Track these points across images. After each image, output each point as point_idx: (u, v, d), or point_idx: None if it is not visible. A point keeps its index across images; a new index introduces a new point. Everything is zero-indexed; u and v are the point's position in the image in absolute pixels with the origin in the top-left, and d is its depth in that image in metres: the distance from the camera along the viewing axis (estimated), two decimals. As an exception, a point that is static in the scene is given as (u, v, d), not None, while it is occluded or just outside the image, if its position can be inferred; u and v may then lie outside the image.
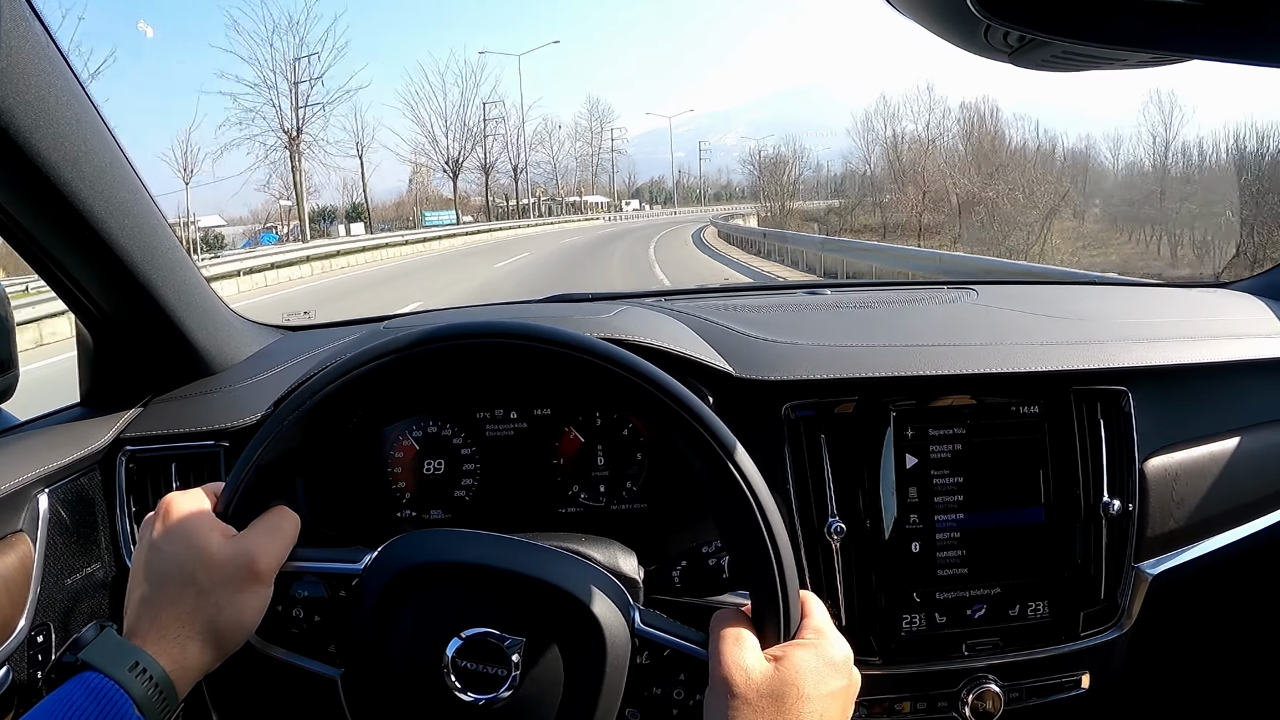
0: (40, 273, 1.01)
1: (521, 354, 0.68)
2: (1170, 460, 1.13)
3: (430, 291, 14.04)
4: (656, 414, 0.66)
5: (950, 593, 1.06)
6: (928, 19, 0.70)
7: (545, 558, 0.71)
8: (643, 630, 0.68)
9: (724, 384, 1.05)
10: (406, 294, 13.20)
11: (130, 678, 0.59)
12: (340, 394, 0.69)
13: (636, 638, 0.68)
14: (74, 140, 0.90)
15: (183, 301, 1.10)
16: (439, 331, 0.68)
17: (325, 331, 1.39)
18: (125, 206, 0.98)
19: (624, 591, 0.71)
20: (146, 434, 1.08)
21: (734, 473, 0.64)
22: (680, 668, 0.67)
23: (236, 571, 0.66)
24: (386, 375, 0.69)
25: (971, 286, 1.49)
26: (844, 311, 1.35)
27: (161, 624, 0.63)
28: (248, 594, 0.66)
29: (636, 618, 0.69)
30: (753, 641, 0.64)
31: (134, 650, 0.61)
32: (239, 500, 0.68)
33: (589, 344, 0.67)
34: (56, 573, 0.99)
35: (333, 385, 0.68)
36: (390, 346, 0.68)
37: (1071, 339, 1.15)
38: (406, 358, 0.68)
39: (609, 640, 0.67)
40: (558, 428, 1.09)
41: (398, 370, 0.68)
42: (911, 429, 1.05)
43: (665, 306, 1.31)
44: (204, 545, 0.65)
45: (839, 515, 1.03)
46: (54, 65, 0.86)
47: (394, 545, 0.72)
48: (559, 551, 0.72)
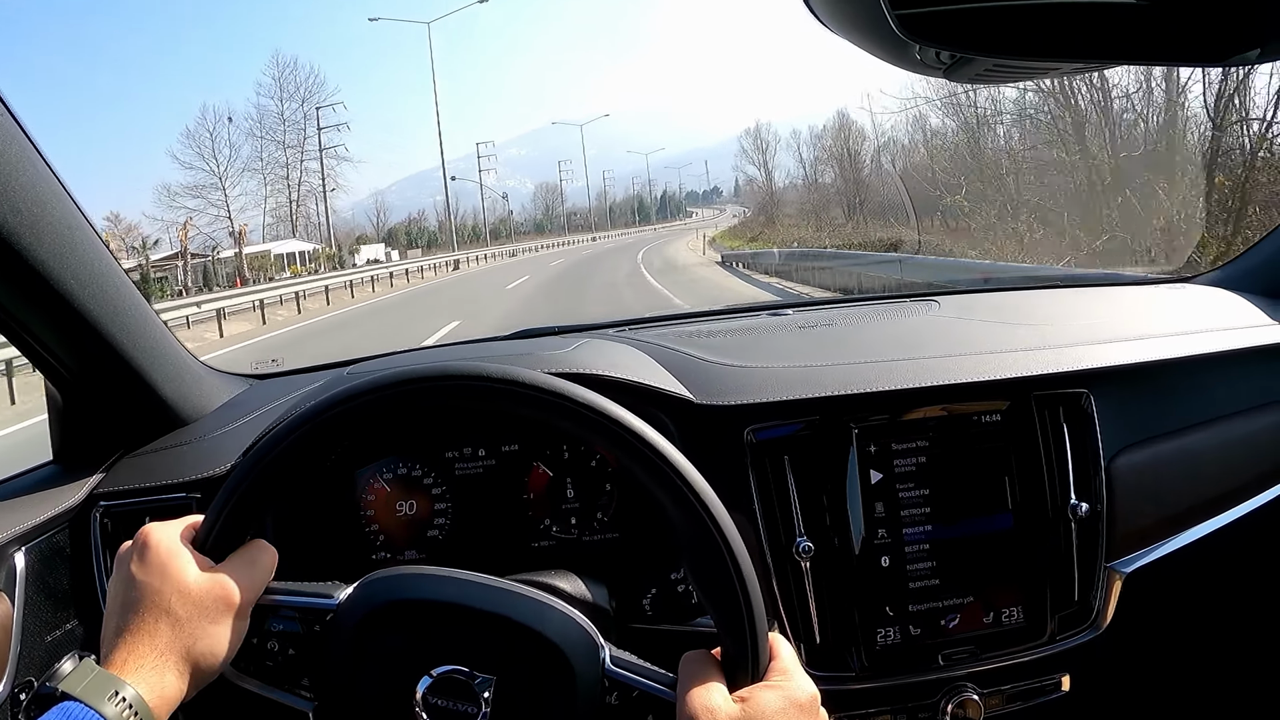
0: (5, 333, 1.02)
1: (478, 396, 0.69)
2: (1137, 458, 1.14)
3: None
4: (624, 456, 0.68)
5: (923, 604, 1.06)
6: (864, 41, 0.72)
7: (516, 597, 0.71)
8: (612, 671, 0.69)
9: (685, 411, 1.06)
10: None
11: (109, 707, 0.60)
12: (318, 431, 0.70)
13: (606, 678, 0.69)
14: (31, 203, 0.90)
15: (148, 356, 1.11)
16: (404, 375, 0.70)
17: (291, 379, 1.40)
18: (86, 266, 0.99)
19: (594, 630, 0.71)
20: (119, 489, 1.09)
21: (704, 516, 0.66)
22: (649, 708, 0.68)
23: (213, 603, 0.66)
24: (352, 419, 0.70)
25: (934, 298, 1.50)
26: (806, 331, 1.36)
27: (139, 654, 0.63)
28: (223, 625, 0.67)
29: (606, 657, 0.70)
30: (720, 683, 0.65)
31: (112, 679, 0.62)
32: (218, 533, 0.69)
33: (554, 388, 0.68)
34: (36, 630, 0.99)
35: (304, 428, 0.70)
36: (352, 391, 0.70)
37: (1030, 345, 1.16)
38: (375, 400, 0.70)
39: (579, 680, 0.68)
40: (526, 463, 1.10)
41: (366, 414, 0.70)
42: (874, 444, 1.06)
43: (628, 336, 1.32)
44: (181, 576, 0.66)
45: (806, 534, 1.04)
46: (7, 130, 0.87)
47: (369, 582, 0.73)
48: (530, 590, 0.73)
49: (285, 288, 20.72)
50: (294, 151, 48.72)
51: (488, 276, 25.52)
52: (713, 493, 0.67)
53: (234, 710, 0.76)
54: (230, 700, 0.72)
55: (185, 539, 0.69)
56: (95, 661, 0.64)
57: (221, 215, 43.47)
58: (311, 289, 21.37)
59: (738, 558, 0.65)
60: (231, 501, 0.69)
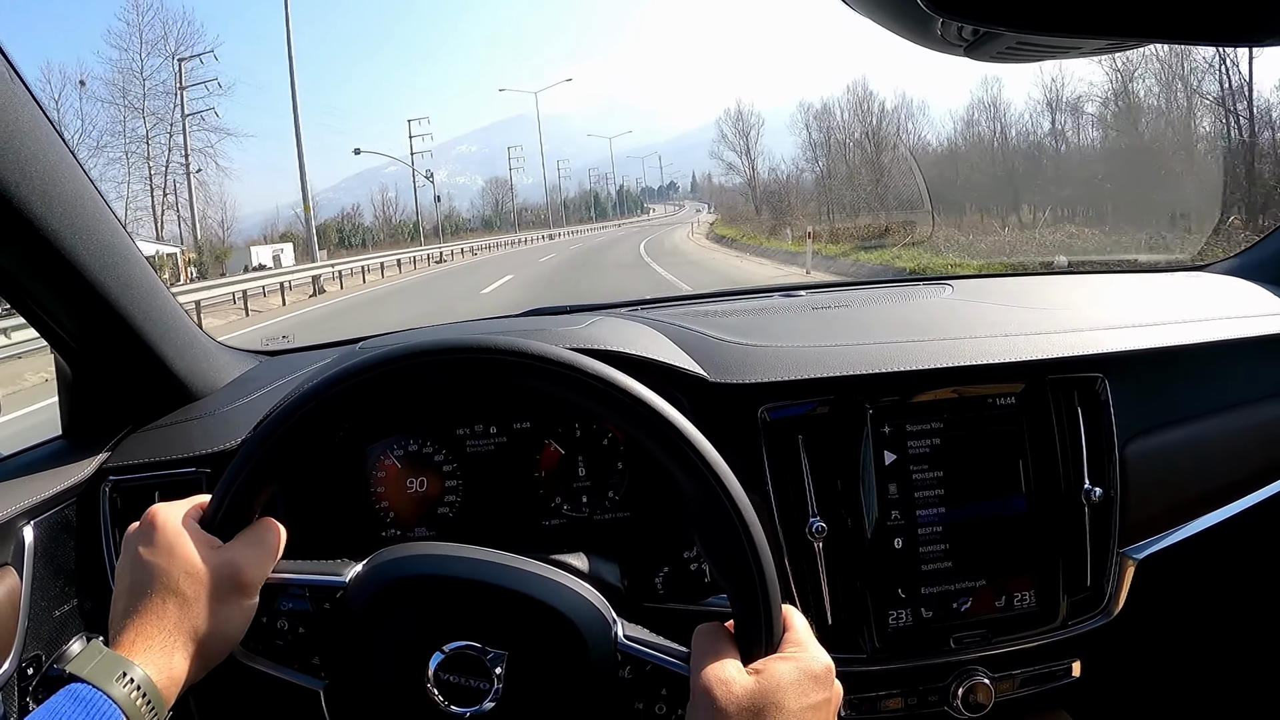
0: (16, 307, 1.01)
1: (494, 370, 0.68)
2: (1151, 444, 1.14)
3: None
4: (638, 430, 0.67)
5: (935, 587, 1.06)
6: (883, 17, 0.71)
7: (528, 572, 0.71)
8: (625, 645, 0.69)
9: (699, 389, 1.06)
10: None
11: (118, 688, 0.60)
12: (325, 408, 0.69)
13: (619, 652, 0.69)
14: (42, 172, 0.90)
15: (159, 330, 1.11)
16: (411, 349, 0.69)
17: (303, 355, 1.39)
18: (97, 238, 0.99)
19: (606, 606, 0.71)
20: (129, 463, 1.08)
21: (717, 489, 0.65)
22: (663, 682, 0.68)
23: (221, 582, 0.66)
24: (358, 395, 0.69)
25: (947, 282, 1.50)
26: (819, 312, 1.35)
27: (147, 635, 0.63)
28: (233, 605, 0.67)
29: (619, 632, 0.70)
30: (734, 656, 0.64)
31: (121, 661, 0.61)
32: (225, 512, 0.69)
33: (570, 361, 0.67)
34: (44, 604, 0.99)
35: (318, 397, 0.69)
36: (362, 365, 0.69)
37: (1045, 329, 1.16)
38: (382, 375, 0.69)
39: (591, 655, 0.68)
40: (538, 441, 1.10)
41: (373, 389, 0.69)
42: (889, 426, 1.05)
43: (641, 315, 1.31)
44: (189, 556, 0.66)
45: (820, 515, 1.03)
46: (18, 97, 0.87)
47: (378, 559, 0.72)
48: (542, 566, 0.73)
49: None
50: (159, 123, 36.70)
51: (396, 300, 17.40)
52: (725, 464, 0.66)
53: (244, 690, 0.76)
54: (240, 679, 0.72)
55: (192, 519, 0.69)
56: (103, 643, 0.64)
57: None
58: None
59: (750, 529, 0.65)
60: (238, 480, 0.69)
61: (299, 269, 22.83)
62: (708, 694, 0.61)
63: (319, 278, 21.50)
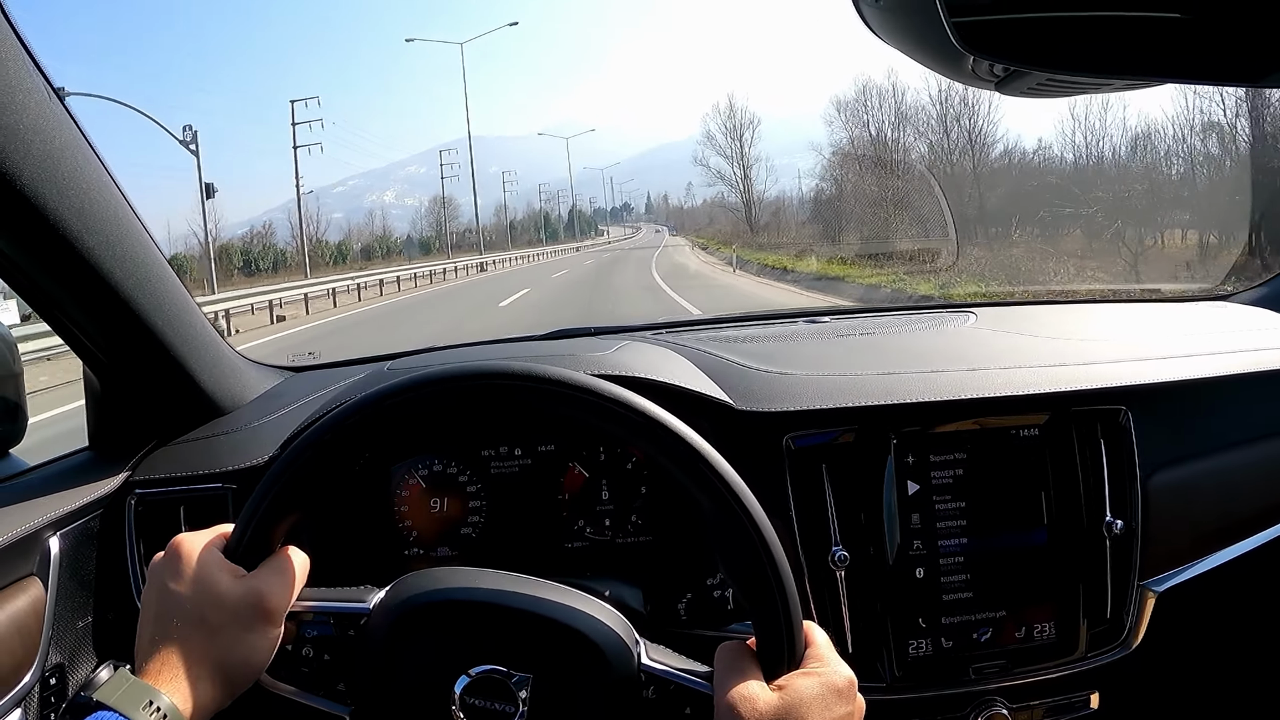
0: (47, 320, 1.03)
1: (526, 396, 0.69)
2: (1174, 476, 1.13)
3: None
4: (658, 451, 0.68)
5: (956, 617, 1.06)
6: (916, 51, 0.72)
7: (551, 595, 0.72)
8: (648, 666, 0.69)
9: (724, 416, 1.06)
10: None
11: (144, 716, 0.60)
12: (347, 436, 0.70)
13: (642, 673, 0.69)
14: (78, 189, 0.91)
15: (188, 345, 1.12)
16: (445, 373, 0.70)
17: (330, 372, 1.40)
18: (130, 254, 1.00)
19: (629, 628, 0.72)
20: (155, 477, 1.09)
21: (736, 507, 0.66)
22: (686, 702, 0.68)
23: (246, 611, 0.67)
24: (393, 416, 0.70)
25: (970, 310, 1.50)
26: (845, 340, 1.35)
27: (173, 663, 0.64)
28: (257, 634, 0.68)
29: (642, 653, 0.70)
30: (757, 673, 0.65)
31: (147, 689, 0.62)
32: (248, 541, 0.70)
33: (590, 386, 0.68)
34: (68, 615, 1.00)
35: (339, 426, 0.70)
36: (396, 388, 0.70)
37: (1070, 360, 1.16)
38: (414, 399, 0.70)
39: (615, 676, 0.68)
40: (562, 463, 1.10)
41: (404, 412, 0.70)
42: (913, 456, 1.05)
43: (666, 340, 1.32)
44: (213, 585, 0.67)
45: (842, 543, 1.04)
46: (57, 117, 0.88)
47: (401, 584, 0.73)
48: (564, 589, 0.73)
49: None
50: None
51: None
52: (742, 482, 0.67)
53: (270, 716, 0.77)
54: (266, 707, 0.73)
55: (216, 548, 0.70)
56: (130, 671, 0.65)
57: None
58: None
59: (770, 546, 0.66)
60: (261, 509, 0.70)
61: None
62: (732, 711, 0.62)
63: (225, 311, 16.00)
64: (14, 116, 0.82)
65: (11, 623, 0.92)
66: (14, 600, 0.94)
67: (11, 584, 0.94)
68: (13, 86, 0.81)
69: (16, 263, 0.93)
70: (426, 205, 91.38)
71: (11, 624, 0.92)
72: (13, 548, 0.94)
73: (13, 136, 0.82)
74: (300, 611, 0.71)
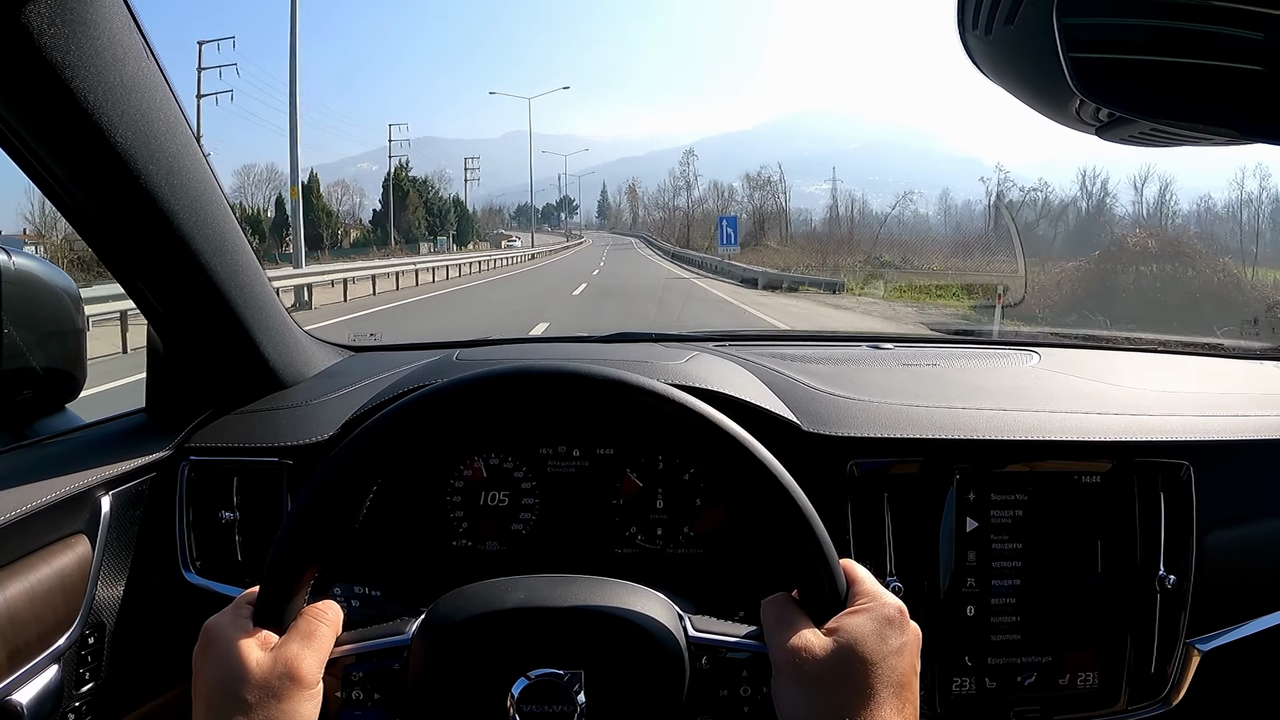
0: (122, 281, 1.03)
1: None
2: (1229, 536, 1.12)
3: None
4: (665, 421, 0.69)
5: (1002, 658, 1.05)
6: (1022, 90, 0.71)
7: (586, 587, 0.71)
8: (696, 637, 0.69)
9: (790, 436, 1.06)
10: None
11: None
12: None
13: (692, 645, 0.69)
14: (169, 151, 0.92)
15: (257, 315, 1.12)
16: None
17: (391, 355, 1.40)
18: (212, 219, 1.00)
19: (669, 604, 0.71)
20: (211, 444, 1.09)
21: (766, 469, 0.67)
22: (742, 664, 0.68)
23: (280, 683, 0.66)
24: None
25: (1034, 349, 1.49)
26: (909, 369, 1.35)
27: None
28: (295, 701, 0.66)
29: (688, 625, 0.70)
30: (806, 621, 0.65)
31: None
32: (274, 604, 0.68)
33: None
34: (112, 576, 1.00)
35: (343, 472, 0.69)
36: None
37: (1137, 409, 1.15)
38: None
39: (666, 654, 0.68)
40: (619, 468, 1.10)
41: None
42: (974, 493, 1.05)
43: (730, 353, 1.31)
44: (244, 664, 0.66)
45: (896, 574, 1.03)
46: (152, 76, 0.88)
47: (436, 609, 0.72)
48: (598, 579, 0.73)
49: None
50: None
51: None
52: (764, 448, 0.68)
53: None
54: None
55: (245, 618, 0.69)
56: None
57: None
58: None
59: (796, 496, 0.66)
60: (283, 570, 0.68)
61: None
62: (791, 664, 0.62)
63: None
64: (115, 74, 0.82)
65: (58, 578, 0.93)
66: (61, 556, 0.94)
67: (60, 539, 0.95)
68: (114, 43, 0.81)
69: (104, 219, 0.94)
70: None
71: (57, 580, 0.93)
72: (64, 504, 0.94)
73: (111, 94, 0.82)
74: (340, 657, 0.70)
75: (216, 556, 1.09)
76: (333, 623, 0.71)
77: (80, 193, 0.90)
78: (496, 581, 0.73)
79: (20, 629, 0.87)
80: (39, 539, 0.92)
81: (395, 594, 1.00)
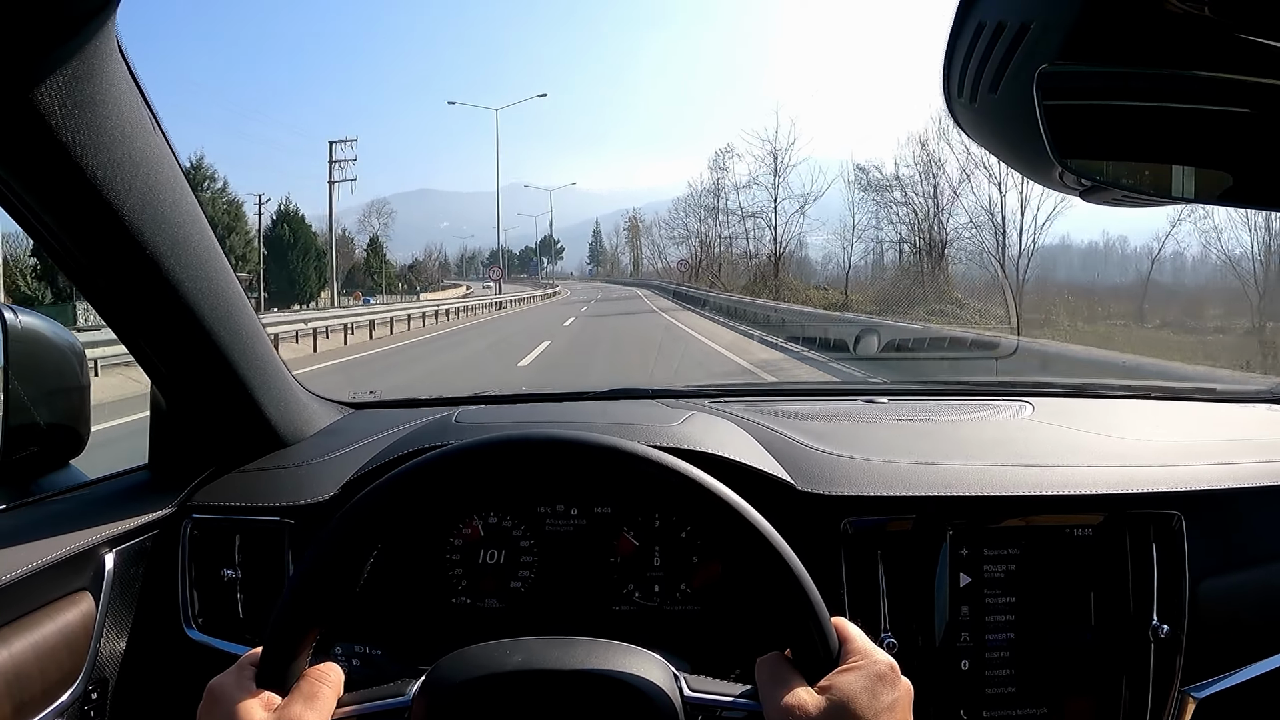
0: (126, 342, 1.04)
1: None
2: (1223, 584, 1.12)
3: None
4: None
5: (997, 711, 1.06)
6: (1007, 155, 0.73)
7: (584, 649, 0.72)
8: (692, 697, 0.70)
9: (785, 496, 1.07)
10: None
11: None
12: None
13: (687, 705, 0.70)
14: (174, 223, 0.94)
15: (259, 376, 1.13)
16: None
17: (392, 412, 1.41)
18: (216, 286, 1.02)
19: (665, 664, 0.72)
20: (214, 503, 1.11)
21: (756, 530, 0.68)
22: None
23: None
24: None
25: (1026, 399, 1.50)
26: (904, 424, 1.36)
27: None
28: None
29: (683, 686, 0.71)
30: (799, 679, 0.66)
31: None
32: (276, 665, 0.69)
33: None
34: (115, 632, 1.01)
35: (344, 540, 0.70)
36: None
37: (1128, 460, 1.16)
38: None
39: (661, 715, 0.68)
40: (617, 527, 1.11)
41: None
42: (967, 549, 1.06)
43: (725, 410, 1.33)
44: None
45: (891, 630, 1.04)
46: (159, 151, 0.90)
47: (436, 670, 0.72)
48: (595, 641, 0.73)
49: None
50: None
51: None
52: (751, 509, 0.69)
53: None
54: None
55: (248, 679, 0.69)
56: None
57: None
58: None
59: (785, 554, 0.67)
60: (286, 632, 0.69)
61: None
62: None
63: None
64: (123, 150, 0.83)
65: (61, 635, 0.94)
66: (65, 613, 0.95)
67: (64, 596, 0.96)
68: (123, 120, 0.83)
69: (109, 284, 0.95)
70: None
71: (61, 637, 0.94)
72: (69, 562, 0.95)
73: (119, 169, 0.84)
74: (342, 719, 0.71)
75: (218, 614, 1.10)
76: (335, 684, 0.72)
77: (87, 260, 0.92)
78: (496, 644, 0.74)
79: (25, 684, 0.88)
80: (44, 595, 0.93)
81: (396, 652, 1.02)
